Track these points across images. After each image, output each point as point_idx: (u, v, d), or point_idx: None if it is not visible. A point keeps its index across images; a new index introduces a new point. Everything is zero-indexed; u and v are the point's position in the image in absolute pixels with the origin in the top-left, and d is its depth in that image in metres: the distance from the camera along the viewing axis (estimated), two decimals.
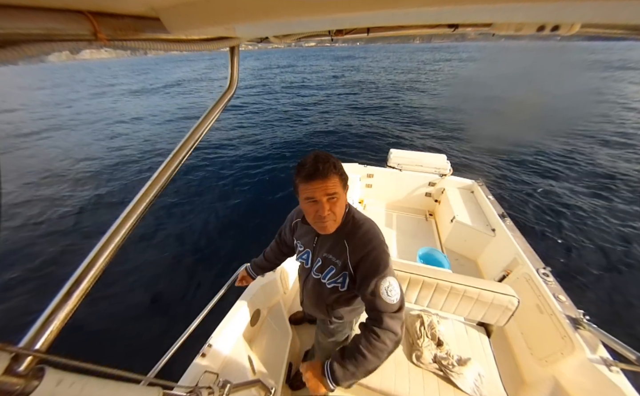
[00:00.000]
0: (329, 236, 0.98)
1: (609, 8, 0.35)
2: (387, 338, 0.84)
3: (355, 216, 1.00)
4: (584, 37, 1.66)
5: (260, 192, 5.87)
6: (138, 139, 10.00)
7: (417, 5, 0.37)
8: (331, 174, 0.84)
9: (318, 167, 0.83)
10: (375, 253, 0.91)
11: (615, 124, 9.86)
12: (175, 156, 0.67)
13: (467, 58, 25.73)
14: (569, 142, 8.24)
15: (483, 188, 3.14)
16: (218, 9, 0.45)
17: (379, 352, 0.84)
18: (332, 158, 0.88)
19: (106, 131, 11.46)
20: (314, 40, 0.98)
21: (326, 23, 0.60)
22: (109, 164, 7.88)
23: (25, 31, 0.34)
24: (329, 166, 0.84)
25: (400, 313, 0.86)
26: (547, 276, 1.91)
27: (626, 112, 11.58)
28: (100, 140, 10.23)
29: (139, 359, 2.73)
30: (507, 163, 6.96)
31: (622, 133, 9.03)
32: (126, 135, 10.61)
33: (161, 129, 11.13)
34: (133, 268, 3.95)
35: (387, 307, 0.85)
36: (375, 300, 0.86)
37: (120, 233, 0.54)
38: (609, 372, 1.34)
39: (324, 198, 0.85)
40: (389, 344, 0.84)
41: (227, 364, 1.45)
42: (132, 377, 0.53)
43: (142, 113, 13.84)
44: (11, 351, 0.37)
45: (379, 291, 0.86)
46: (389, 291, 0.86)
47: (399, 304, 0.87)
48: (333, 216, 0.90)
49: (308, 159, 0.87)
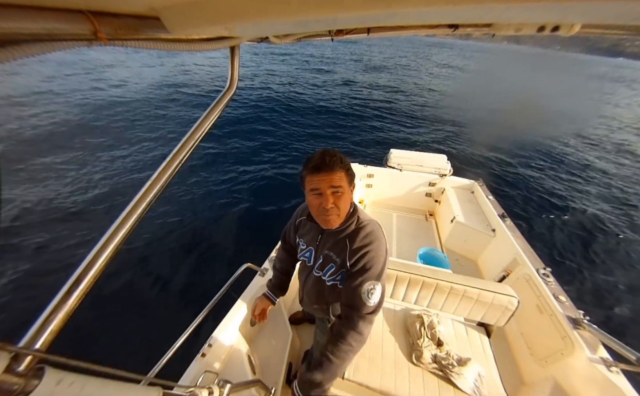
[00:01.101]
0: (332, 234, 0.99)
1: (609, 8, 0.35)
2: (352, 339, 0.87)
3: (360, 217, 1.00)
4: (583, 50, 1.66)
5: (260, 192, 5.87)
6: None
7: (417, 5, 0.37)
8: (337, 168, 0.86)
9: (325, 160, 0.85)
10: (372, 255, 0.91)
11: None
12: (175, 156, 0.67)
13: (469, 58, 25.70)
14: (568, 143, 8.25)
15: (483, 188, 3.14)
16: (218, 8, 0.45)
17: (344, 355, 0.87)
18: (340, 154, 0.90)
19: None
20: (314, 40, 0.98)
21: (326, 23, 0.60)
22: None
23: (25, 31, 0.33)
24: (336, 160, 0.86)
25: (372, 317, 0.88)
26: (547, 277, 1.90)
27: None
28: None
29: (139, 359, 2.73)
30: (507, 163, 6.97)
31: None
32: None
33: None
34: (133, 268, 3.95)
35: (361, 306, 0.86)
36: (354, 296, 0.88)
37: (120, 233, 0.54)
38: (609, 372, 1.34)
39: (329, 190, 0.87)
40: (354, 345, 0.87)
41: (227, 364, 1.45)
42: (132, 377, 0.53)
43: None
44: (11, 350, 0.37)
45: (361, 289, 0.87)
46: (370, 293, 0.87)
47: (373, 309, 0.88)
48: (336, 210, 0.90)
49: (316, 154, 0.90)
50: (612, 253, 4.04)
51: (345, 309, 0.91)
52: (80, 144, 6.71)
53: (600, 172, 6.40)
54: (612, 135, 9.24)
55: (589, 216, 4.86)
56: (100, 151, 6.49)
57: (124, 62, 15.77)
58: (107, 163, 6.11)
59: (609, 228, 4.60)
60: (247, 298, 1.72)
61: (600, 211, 5.06)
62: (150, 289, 3.66)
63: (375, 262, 0.90)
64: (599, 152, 7.79)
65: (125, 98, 10.10)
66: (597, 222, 4.73)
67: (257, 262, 1.89)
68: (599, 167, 6.77)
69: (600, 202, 5.33)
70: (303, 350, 1.93)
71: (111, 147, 6.74)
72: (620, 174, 6.47)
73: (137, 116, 8.63)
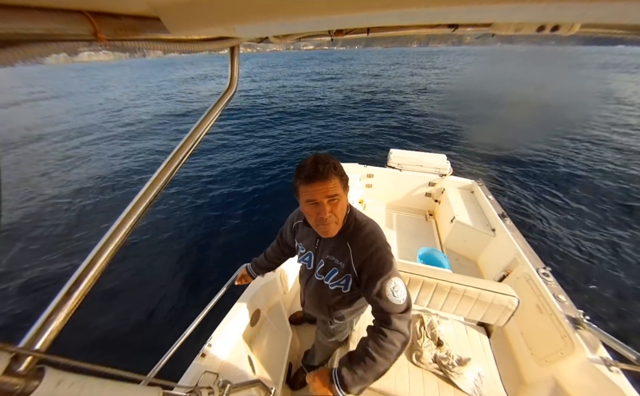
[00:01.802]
0: (332, 238, 0.97)
1: (609, 8, 0.35)
2: (395, 338, 0.82)
3: (357, 218, 0.99)
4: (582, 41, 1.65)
5: (261, 191, 5.88)
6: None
7: (417, 5, 0.37)
8: (332, 175, 0.83)
9: (318, 169, 0.82)
10: (380, 254, 0.90)
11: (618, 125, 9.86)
12: (175, 157, 0.67)
13: (467, 61, 25.55)
14: (567, 143, 8.24)
15: (483, 188, 3.14)
16: (218, 9, 0.45)
17: (387, 354, 0.83)
18: (332, 159, 0.86)
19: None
20: (313, 41, 0.98)
21: (326, 23, 0.60)
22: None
23: (25, 31, 0.33)
24: (329, 167, 0.83)
25: (408, 314, 0.85)
26: (547, 276, 1.90)
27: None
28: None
29: (138, 359, 2.73)
30: (507, 163, 6.96)
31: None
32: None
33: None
34: (133, 268, 3.95)
35: (393, 308, 0.84)
36: (382, 301, 0.85)
37: (119, 233, 0.54)
38: (609, 372, 1.34)
39: (325, 199, 0.84)
40: (398, 345, 0.83)
41: (227, 364, 1.45)
42: (132, 377, 0.53)
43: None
44: (11, 351, 0.37)
45: (385, 292, 0.85)
46: (395, 291, 0.85)
47: (406, 305, 0.85)
48: (335, 218, 0.89)
49: (308, 161, 0.86)
50: (617, 249, 4.03)
51: (380, 315, 0.87)
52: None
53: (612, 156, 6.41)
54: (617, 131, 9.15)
55: (589, 215, 4.86)
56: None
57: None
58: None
59: (608, 227, 4.60)
60: (247, 298, 1.72)
61: (600, 211, 5.06)
62: (150, 290, 3.66)
63: (385, 260, 0.88)
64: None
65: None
66: (597, 221, 4.74)
67: None
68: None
69: (603, 199, 5.33)
70: (303, 350, 1.93)
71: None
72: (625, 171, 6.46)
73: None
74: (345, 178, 0.90)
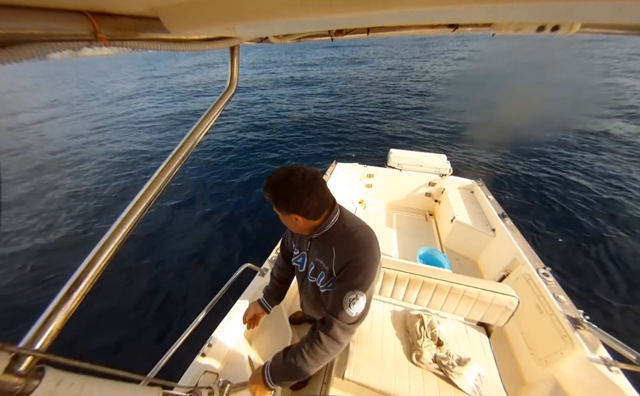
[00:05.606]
0: (320, 241, 0.99)
1: (609, 8, 0.35)
2: (330, 346, 0.86)
3: (346, 224, 0.95)
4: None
5: (260, 191, 5.87)
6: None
7: (417, 5, 0.37)
8: (273, 203, 0.90)
9: (266, 195, 0.90)
10: (358, 264, 0.87)
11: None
12: (175, 156, 0.67)
13: (466, 56, 25.27)
14: (568, 137, 8.22)
15: (483, 188, 3.14)
16: (218, 9, 0.45)
17: (319, 358, 0.88)
18: (275, 179, 0.86)
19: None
20: (314, 40, 0.98)
21: (326, 23, 0.60)
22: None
23: (25, 31, 0.33)
24: (268, 195, 0.89)
25: (353, 327, 0.87)
26: (547, 276, 1.90)
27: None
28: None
29: (138, 359, 2.73)
30: (507, 163, 6.96)
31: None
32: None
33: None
34: (133, 268, 3.96)
35: (342, 316, 0.85)
36: (336, 303, 0.87)
37: (119, 233, 0.54)
38: (609, 372, 1.34)
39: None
40: (331, 352, 0.87)
41: (227, 364, 1.45)
42: (132, 377, 0.53)
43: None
44: (11, 351, 0.37)
45: (343, 299, 0.85)
46: (352, 303, 0.84)
47: (355, 319, 0.86)
48: (295, 228, 0.97)
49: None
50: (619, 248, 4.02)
51: (327, 315, 0.89)
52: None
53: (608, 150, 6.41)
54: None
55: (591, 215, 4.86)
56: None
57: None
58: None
59: (610, 228, 4.60)
60: (247, 298, 1.72)
61: (602, 209, 5.06)
62: (151, 289, 3.66)
63: (360, 271, 0.86)
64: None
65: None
66: (598, 221, 4.74)
67: (257, 262, 1.89)
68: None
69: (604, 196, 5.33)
70: None
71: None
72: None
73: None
74: (282, 202, 0.88)
